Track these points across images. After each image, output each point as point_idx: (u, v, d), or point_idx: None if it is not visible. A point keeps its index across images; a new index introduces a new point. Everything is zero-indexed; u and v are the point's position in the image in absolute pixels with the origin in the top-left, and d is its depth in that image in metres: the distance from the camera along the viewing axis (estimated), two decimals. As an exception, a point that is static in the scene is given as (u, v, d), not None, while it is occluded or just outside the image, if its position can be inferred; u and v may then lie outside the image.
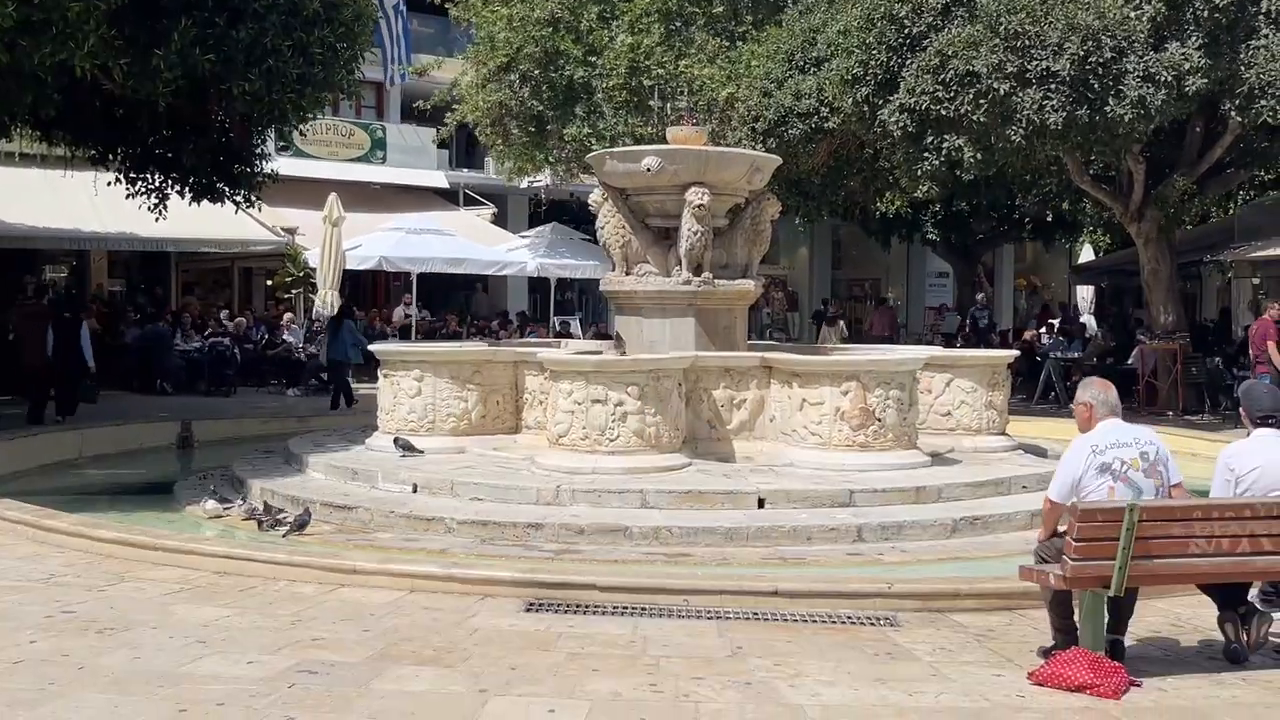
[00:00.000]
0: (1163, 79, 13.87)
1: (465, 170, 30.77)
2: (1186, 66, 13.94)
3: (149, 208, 16.37)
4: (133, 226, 20.19)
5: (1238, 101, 14.62)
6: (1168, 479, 6.01)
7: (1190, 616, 6.90)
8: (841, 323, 27.33)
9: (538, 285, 29.30)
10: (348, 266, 22.80)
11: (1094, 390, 6.21)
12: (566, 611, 6.95)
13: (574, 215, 28.04)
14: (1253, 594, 6.27)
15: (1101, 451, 5.95)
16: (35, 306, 17.02)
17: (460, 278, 27.23)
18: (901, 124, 15.24)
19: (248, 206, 17.35)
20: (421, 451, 10.98)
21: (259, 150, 16.21)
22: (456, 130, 24.98)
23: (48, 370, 15.18)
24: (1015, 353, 14.26)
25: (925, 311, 32.65)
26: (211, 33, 11.95)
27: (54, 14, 10.51)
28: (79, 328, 15.54)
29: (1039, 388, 20.66)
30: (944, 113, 14.78)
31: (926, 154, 15.62)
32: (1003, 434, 12.02)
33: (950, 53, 14.58)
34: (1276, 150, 17.68)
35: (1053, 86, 14.08)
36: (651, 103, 20.80)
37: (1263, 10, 14.37)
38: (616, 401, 9.85)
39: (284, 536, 9.09)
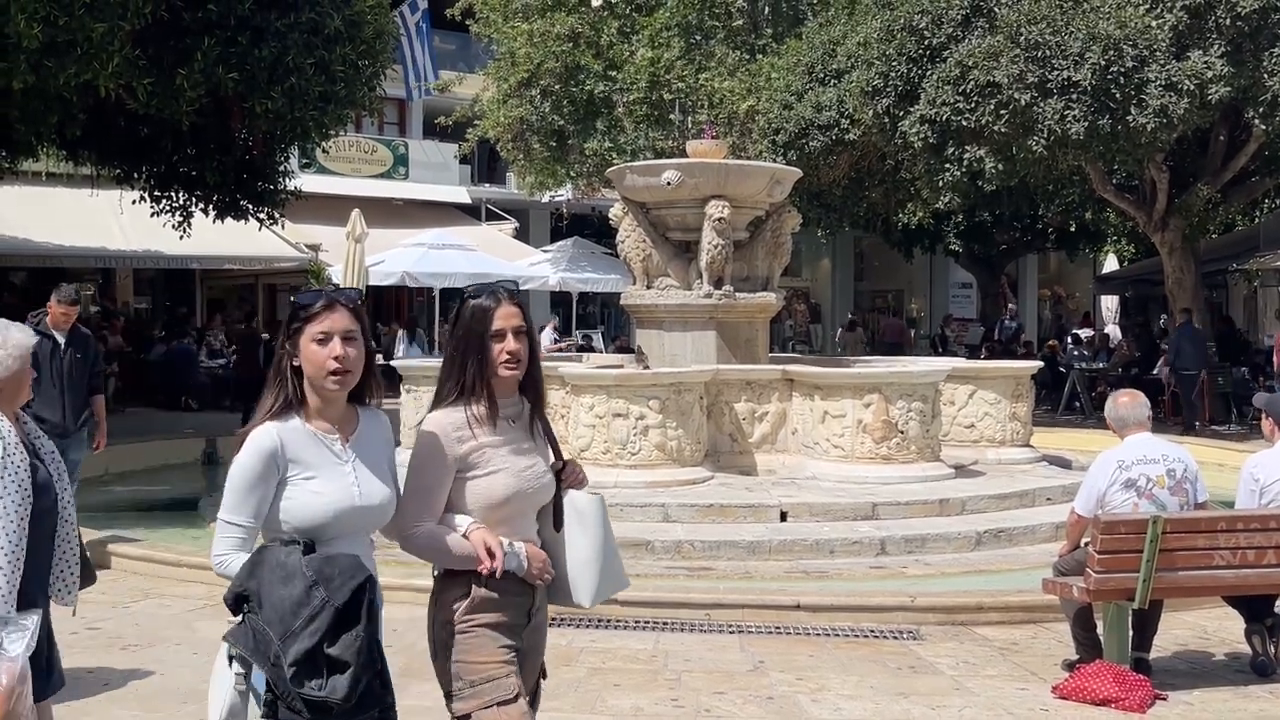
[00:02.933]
0: (1185, 88, 13.81)
1: (487, 185, 30.90)
2: (1209, 75, 13.87)
3: (173, 225, 16.49)
4: (158, 244, 20.35)
5: (1261, 109, 14.54)
6: (1194, 497, 5.97)
7: (1216, 629, 6.85)
8: (860, 329, 27.83)
9: (560, 299, 29.37)
10: (371, 282, 22.89)
11: (1110, 407, 6.19)
12: (588, 626, 6.95)
13: (595, 229, 28.12)
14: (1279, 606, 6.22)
15: (1128, 467, 5.92)
16: (248, 329, 19.15)
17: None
18: (922, 135, 15.22)
19: (271, 223, 17.45)
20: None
21: (282, 167, 16.32)
22: (478, 146, 25.10)
23: (259, 383, 16.36)
24: (1039, 364, 14.18)
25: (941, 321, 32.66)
26: (234, 51, 12.05)
27: (79, 35, 10.61)
28: None
29: (1063, 399, 20.56)
30: (965, 124, 14.75)
31: (948, 165, 15.60)
32: (1027, 445, 11.95)
33: (971, 63, 14.56)
34: (1301, 158, 17.59)
35: (1074, 96, 14.04)
36: (672, 116, 20.87)
37: (1285, 18, 14.30)
38: (638, 415, 9.85)
39: (307, 552, 9.11)
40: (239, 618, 2.85)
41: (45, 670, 4.06)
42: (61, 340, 8.50)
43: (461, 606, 3.19)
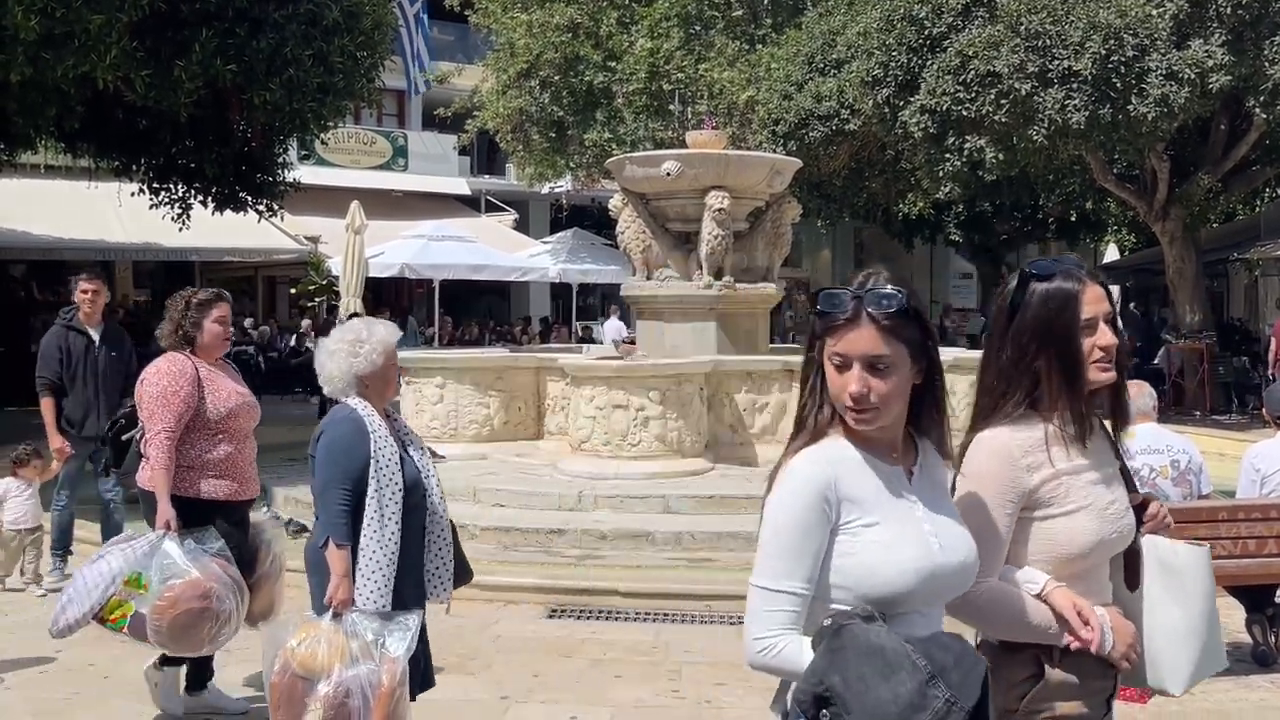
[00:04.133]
0: (1186, 77, 13.77)
1: (486, 177, 30.86)
2: (1210, 64, 13.84)
3: (172, 218, 16.48)
4: (157, 236, 20.34)
5: (1262, 98, 14.50)
6: (1197, 489, 5.96)
7: (1218, 619, 6.84)
8: None
9: (560, 291, 29.35)
10: (370, 274, 22.87)
11: None
12: (589, 618, 6.95)
13: (595, 220, 28.11)
14: (1281, 596, 6.21)
15: (1131, 456, 5.91)
16: (320, 324, 19.59)
17: (483, 284, 27.31)
18: (922, 125, 15.18)
19: (270, 215, 17.45)
20: (443, 457, 10.97)
21: (281, 159, 16.31)
22: (477, 137, 25.09)
23: None
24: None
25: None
26: (232, 43, 12.04)
27: (76, 27, 10.60)
28: None
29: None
30: (965, 113, 14.71)
31: (948, 155, 15.56)
32: (1027, 436, 11.94)
33: (971, 53, 14.52)
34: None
35: (1075, 86, 14.00)
36: (671, 107, 20.84)
37: (1286, 6, 14.25)
38: (638, 406, 9.84)
39: (308, 544, 9.11)
40: None
41: (423, 671, 4.09)
42: (95, 336, 7.92)
43: (1030, 693, 2.44)
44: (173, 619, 4.67)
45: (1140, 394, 6.13)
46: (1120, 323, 2.54)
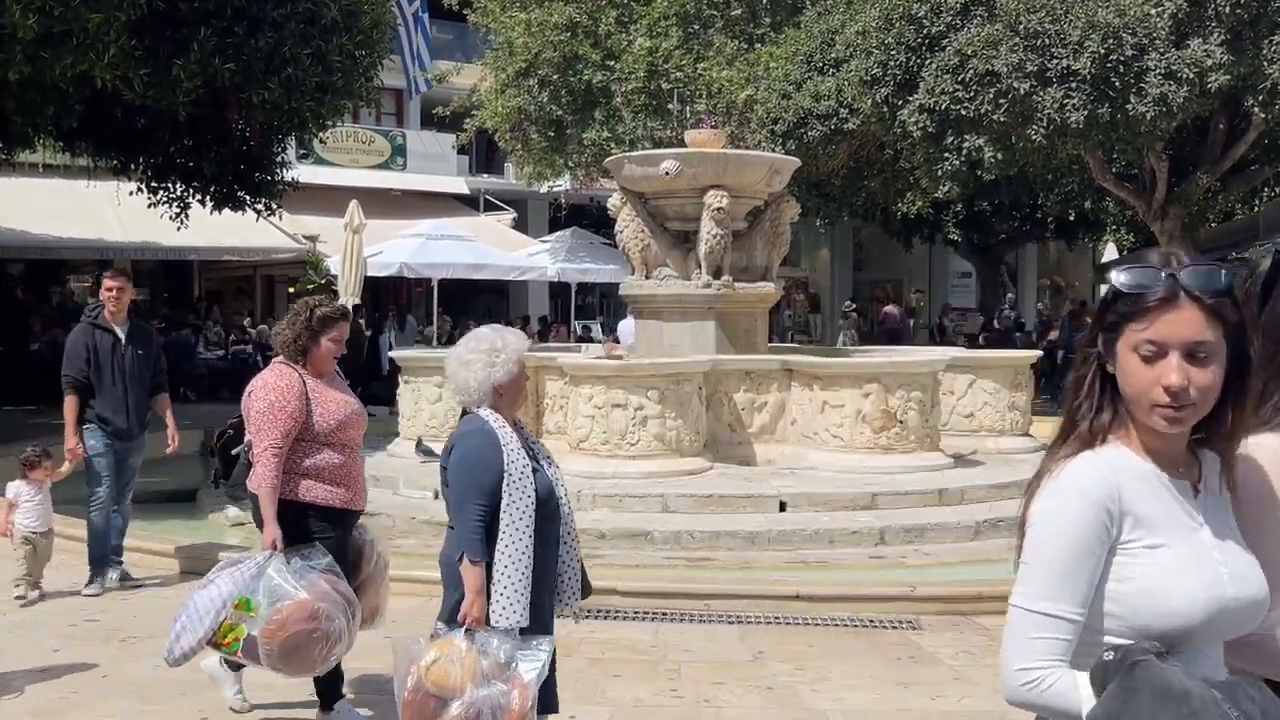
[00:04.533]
0: (1185, 76, 13.76)
1: (485, 176, 30.85)
2: (1209, 63, 13.83)
3: (171, 217, 16.47)
4: (156, 236, 20.35)
5: (1261, 98, 14.49)
6: None
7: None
8: (854, 316, 28.04)
9: (558, 290, 29.34)
10: (369, 273, 22.86)
11: None
12: (587, 617, 6.91)
13: (594, 219, 28.10)
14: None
15: None
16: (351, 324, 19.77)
17: (482, 283, 27.32)
18: (921, 124, 15.17)
19: (269, 214, 17.44)
20: (437, 455, 10.98)
21: (279, 158, 16.29)
22: (476, 136, 25.08)
23: (362, 373, 18.49)
24: (1038, 353, 14.17)
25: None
26: (231, 42, 12.03)
27: (74, 25, 10.59)
28: (378, 338, 19.68)
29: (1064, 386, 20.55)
30: (964, 113, 14.70)
31: (947, 154, 15.54)
32: (1026, 435, 11.94)
33: (970, 52, 14.51)
34: (1301, 146, 17.56)
35: (1073, 85, 13.99)
36: (670, 106, 20.82)
37: (1285, 6, 14.24)
38: (637, 406, 9.84)
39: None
40: None
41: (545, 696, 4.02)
42: (121, 335, 7.76)
43: None
44: (282, 641, 4.64)
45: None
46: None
